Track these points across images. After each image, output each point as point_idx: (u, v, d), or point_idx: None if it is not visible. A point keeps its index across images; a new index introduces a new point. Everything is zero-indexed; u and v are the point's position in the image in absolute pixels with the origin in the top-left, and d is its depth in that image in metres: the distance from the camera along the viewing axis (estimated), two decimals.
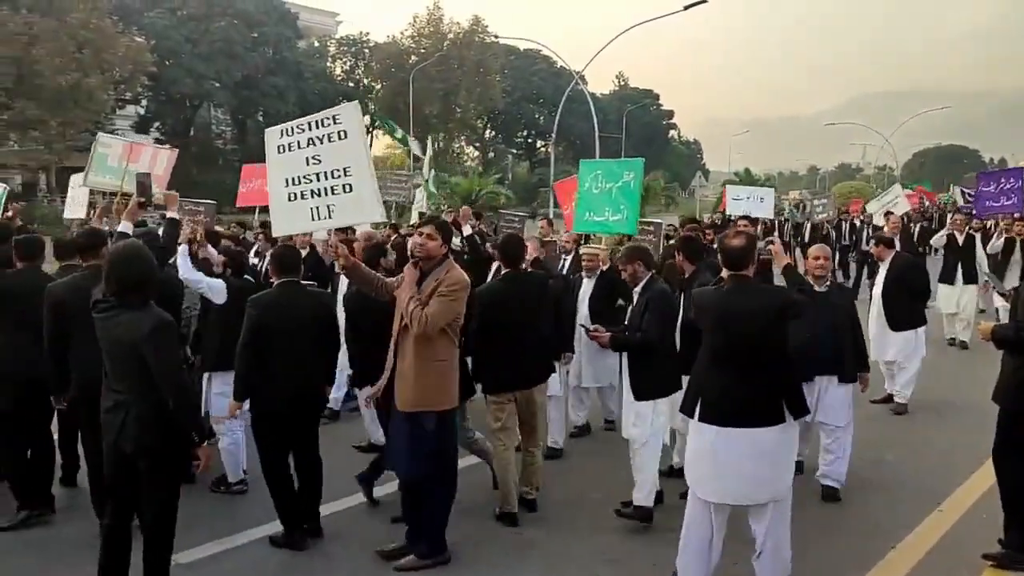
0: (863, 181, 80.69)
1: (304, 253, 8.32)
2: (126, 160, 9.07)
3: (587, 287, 7.06)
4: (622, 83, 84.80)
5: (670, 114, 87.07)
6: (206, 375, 6.02)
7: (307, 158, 5.07)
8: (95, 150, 9.46)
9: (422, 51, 56.68)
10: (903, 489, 6.16)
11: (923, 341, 8.40)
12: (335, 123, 5.02)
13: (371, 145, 62.84)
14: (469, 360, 5.43)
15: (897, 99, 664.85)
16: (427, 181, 15.28)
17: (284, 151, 5.17)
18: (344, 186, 4.99)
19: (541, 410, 5.72)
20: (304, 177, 5.08)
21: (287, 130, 5.20)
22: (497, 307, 5.41)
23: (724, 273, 4.35)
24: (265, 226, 9.77)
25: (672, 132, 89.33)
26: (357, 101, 5.14)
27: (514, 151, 75.05)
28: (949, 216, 15.61)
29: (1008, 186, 11.71)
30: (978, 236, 12.00)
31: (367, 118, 60.03)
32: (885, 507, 5.81)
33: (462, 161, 65.74)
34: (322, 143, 5.04)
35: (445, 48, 56.13)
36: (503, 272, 5.61)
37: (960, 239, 11.64)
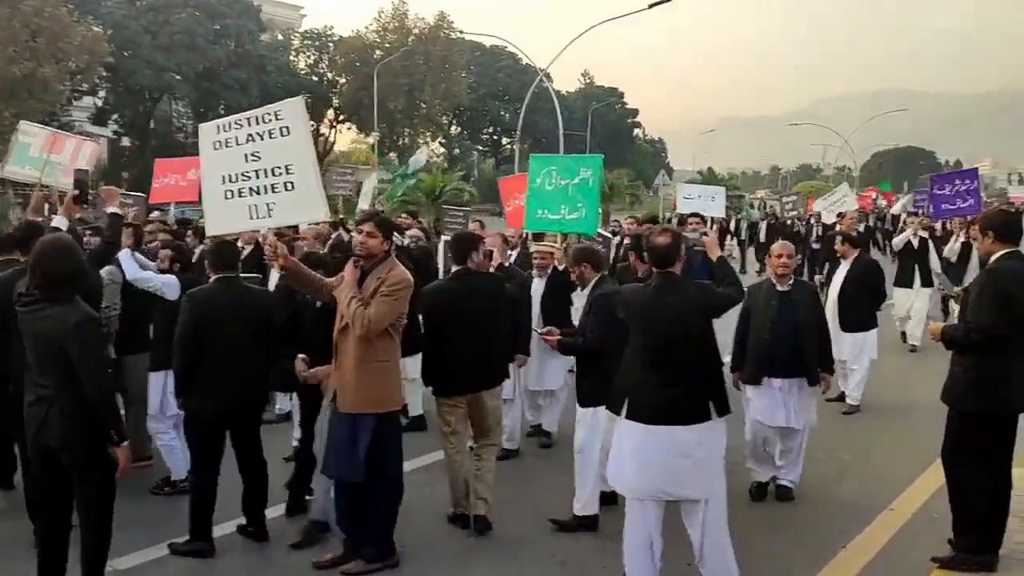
0: (823, 181, 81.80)
1: (249, 249, 8.15)
2: (48, 151, 8.72)
3: (538, 286, 6.90)
4: (588, 81, 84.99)
5: (635, 112, 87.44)
6: (154, 373, 5.88)
7: (246, 155, 4.90)
8: (16, 139, 9.08)
9: (387, 46, 56.26)
10: (855, 489, 6.18)
11: (873, 344, 8.42)
12: (277, 119, 4.87)
13: (335, 139, 62.80)
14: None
15: (859, 101, 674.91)
16: (399, 179, 14.68)
17: (220, 147, 4.99)
18: (286, 184, 4.84)
19: (493, 413, 5.52)
20: (242, 174, 4.91)
21: (224, 125, 5.03)
22: (444, 307, 5.30)
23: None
24: (182, 223, 9.38)
25: (637, 131, 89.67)
26: (301, 97, 4.99)
27: (480, 148, 74.88)
28: (903, 217, 15.53)
29: (964, 188, 11.48)
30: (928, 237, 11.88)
31: (330, 112, 59.76)
32: (837, 507, 5.81)
33: (428, 157, 65.40)
34: (262, 139, 4.88)
35: (410, 43, 55.77)
36: (453, 270, 5.48)
37: (915, 242, 11.58)
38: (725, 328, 5.83)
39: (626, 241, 9.28)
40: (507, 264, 7.29)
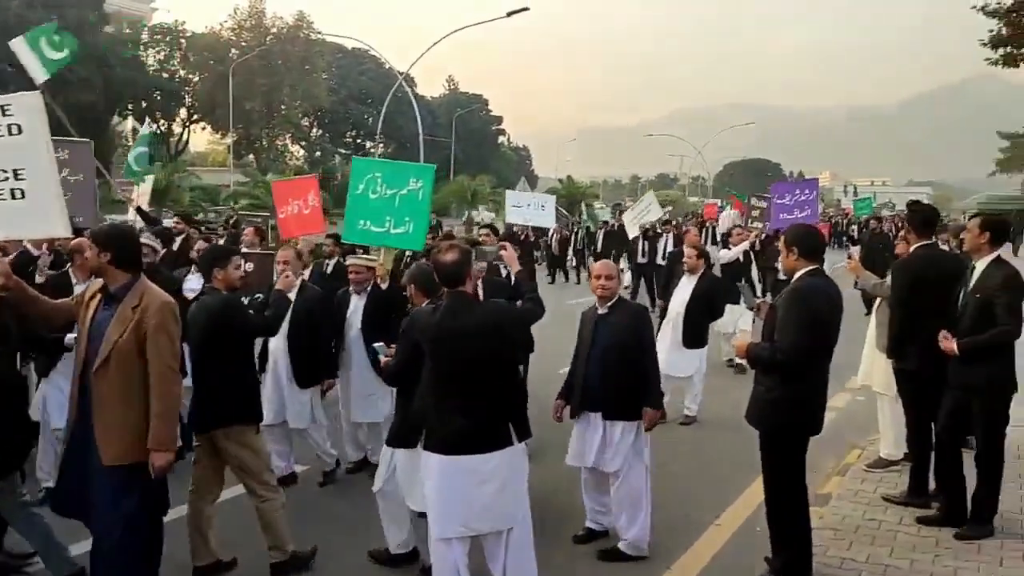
0: (679, 191, 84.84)
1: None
2: None
3: (357, 304, 6.34)
4: (452, 87, 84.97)
5: (499, 120, 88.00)
6: None
7: None
8: None
9: (243, 44, 54.29)
10: (686, 502, 6.12)
11: (705, 358, 8.44)
12: (4, 115, 4.17)
13: (187, 139, 59.75)
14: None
15: (713, 113, 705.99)
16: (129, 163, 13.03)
17: None
18: (13, 191, 4.18)
19: (247, 458, 4.72)
20: None
21: None
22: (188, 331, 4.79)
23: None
24: None
25: (502, 138, 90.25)
26: (39, 91, 4.32)
27: (342, 151, 73.30)
28: (734, 229, 14.73)
29: (803, 198, 11.55)
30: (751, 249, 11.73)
31: (183, 110, 56.83)
32: (667, 522, 5.65)
33: (286, 159, 63.43)
34: None
35: (268, 43, 54.03)
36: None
37: (741, 256, 11.34)
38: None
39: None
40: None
